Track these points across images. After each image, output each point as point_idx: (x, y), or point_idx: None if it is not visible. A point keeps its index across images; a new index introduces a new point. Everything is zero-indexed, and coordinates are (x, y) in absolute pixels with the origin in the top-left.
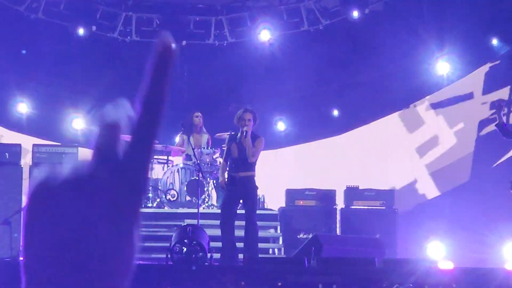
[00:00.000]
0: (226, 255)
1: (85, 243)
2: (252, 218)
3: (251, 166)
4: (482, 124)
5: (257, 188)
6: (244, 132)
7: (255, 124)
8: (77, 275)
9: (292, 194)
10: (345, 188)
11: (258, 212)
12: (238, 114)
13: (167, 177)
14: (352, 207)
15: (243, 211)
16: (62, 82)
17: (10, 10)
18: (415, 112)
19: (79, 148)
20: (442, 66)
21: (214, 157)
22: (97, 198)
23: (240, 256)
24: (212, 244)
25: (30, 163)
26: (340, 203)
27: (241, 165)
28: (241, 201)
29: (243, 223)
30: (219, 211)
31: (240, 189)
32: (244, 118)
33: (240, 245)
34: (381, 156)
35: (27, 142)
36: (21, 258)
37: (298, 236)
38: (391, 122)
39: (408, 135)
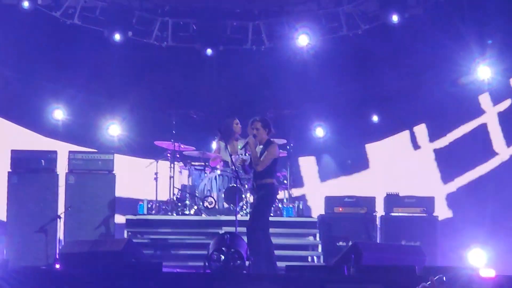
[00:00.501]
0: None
1: None
2: (248, 225)
3: (260, 174)
4: None
5: (266, 195)
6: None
7: (266, 130)
8: None
9: (331, 201)
10: (385, 195)
11: (297, 219)
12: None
13: (205, 184)
14: (392, 214)
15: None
16: (98, 88)
17: (46, 16)
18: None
19: (115, 154)
20: (483, 70)
21: None
22: None
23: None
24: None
25: (66, 170)
26: (380, 210)
27: (255, 174)
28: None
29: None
30: None
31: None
32: (252, 128)
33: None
34: (421, 163)
35: (63, 148)
36: (57, 266)
37: (337, 244)
38: (430, 128)
39: (446, 142)
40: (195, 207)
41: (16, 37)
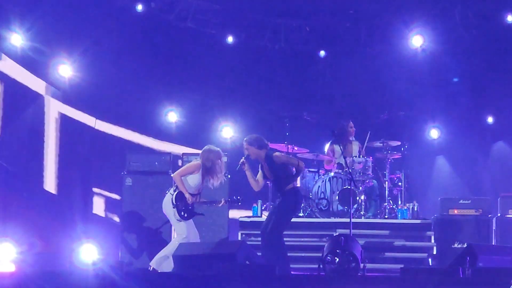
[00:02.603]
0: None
1: None
2: (265, 228)
3: (280, 184)
4: None
5: (289, 200)
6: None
7: (255, 146)
8: None
9: (446, 203)
10: (500, 196)
11: (412, 221)
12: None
13: (318, 186)
14: (508, 215)
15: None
16: (210, 90)
17: (160, 19)
18: None
19: (227, 156)
20: None
21: (366, 166)
22: None
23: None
24: (365, 254)
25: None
26: (495, 212)
27: (275, 185)
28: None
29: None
30: (372, 220)
31: None
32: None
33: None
34: None
35: (177, 151)
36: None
37: (452, 246)
38: None
39: None
40: (309, 209)
41: (130, 40)
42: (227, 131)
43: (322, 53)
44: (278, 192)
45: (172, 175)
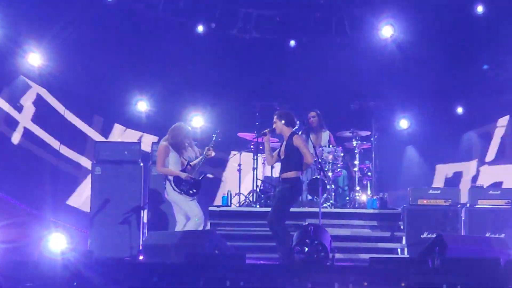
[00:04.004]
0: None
1: None
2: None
3: (287, 166)
4: None
5: (291, 189)
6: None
7: (284, 123)
8: None
9: (415, 193)
10: (470, 186)
11: (381, 211)
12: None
13: None
14: (477, 206)
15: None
16: (181, 80)
17: (130, 9)
18: None
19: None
20: None
21: (336, 156)
22: None
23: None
24: (334, 243)
25: (150, 162)
26: (464, 202)
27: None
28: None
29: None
30: (341, 210)
31: None
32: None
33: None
34: (506, 155)
35: (146, 140)
36: (140, 257)
37: (421, 236)
38: None
39: None
40: None
41: (99, 31)
42: (197, 121)
43: (292, 42)
44: (280, 175)
45: (158, 172)
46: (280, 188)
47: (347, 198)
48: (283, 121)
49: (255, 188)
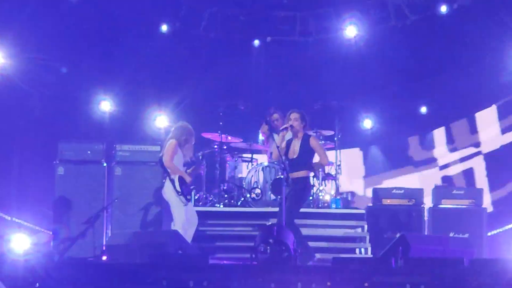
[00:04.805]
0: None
1: None
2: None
3: (298, 166)
4: None
5: (303, 189)
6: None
7: (304, 125)
8: None
9: (379, 193)
10: (434, 187)
11: (344, 211)
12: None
13: (252, 176)
14: (441, 206)
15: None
16: (145, 80)
17: (95, 6)
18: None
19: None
20: None
21: None
22: None
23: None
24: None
25: (113, 162)
26: (428, 202)
27: (291, 165)
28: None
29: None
30: (305, 210)
31: None
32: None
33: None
34: (470, 154)
35: (110, 140)
36: (103, 258)
37: (385, 236)
38: (479, 118)
39: (497, 133)
40: (242, 199)
41: (63, 28)
42: (161, 121)
43: (257, 42)
44: (290, 173)
45: (166, 165)
46: (292, 188)
47: (311, 198)
48: (303, 123)
49: (219, 188)
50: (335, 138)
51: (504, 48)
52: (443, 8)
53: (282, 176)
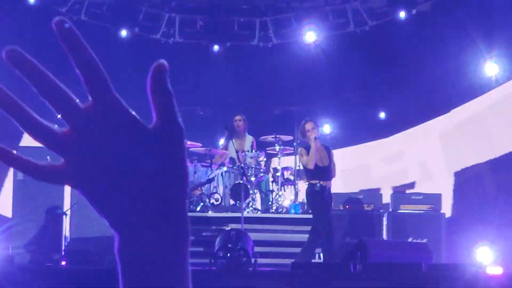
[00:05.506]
0: None
1: None
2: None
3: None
4: None
5: (310, 194)
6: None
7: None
8: None
9: (337, 198)
10: (392, 192)
11: (303, 216)
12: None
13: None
14: (399, 211)
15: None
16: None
17: (53, 12)
18: (462, 114)
19: None
20: (491, 67)
21: (259, 160)
22: None
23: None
24: (257, 249)
25: None
26: (386, 207)
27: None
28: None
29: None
30: (264, 215)
31: None
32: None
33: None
34: (428, 159)
35: None
36: (63, 263)
37: (344, 241)
38: (438, 124)
39: (454, 138)
40: (201, 204)
41: (21, 33)
42: None
43: (216, 47)
44: (324, 181)
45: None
46: (328, 195)
47: (270, 203)
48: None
49: None
50: (294, 143)
51: (462, 54)
52: (402, 14)
53: (241, 182)
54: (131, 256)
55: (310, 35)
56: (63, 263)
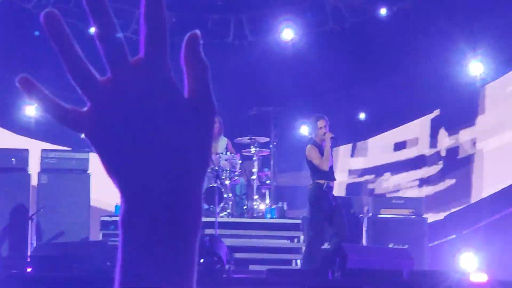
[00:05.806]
0: None
1: None
2: None
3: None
4: None
5: (311, 196)
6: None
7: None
8: None
9: None
10: (372, 195)
11: (280, 221)
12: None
13: None
14: (380, 215)
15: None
16: (72, 84)
17: (18, 8)
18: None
19: (91, 153)
20: (475, 66)
21: (234, 163)
22: None
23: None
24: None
25: (39, 169)
26: (366, 211)
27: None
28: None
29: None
30: (238, 220)
31: None
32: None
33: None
34: (410, 163)
35: (35, 147)
36: (28, 269)
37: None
38: (420, 125)
39: (437, 140)
40: None
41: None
42: None
43: None
44: (332, 182)
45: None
46: (333, 196)
47: (245, 207)
48: None
49: None
50: (271, 145)
51: (446, 52)
52: (383, 11)
53: (215, 185)
54: (136, 227)
55: (287, 33)
56: (29, 269)
